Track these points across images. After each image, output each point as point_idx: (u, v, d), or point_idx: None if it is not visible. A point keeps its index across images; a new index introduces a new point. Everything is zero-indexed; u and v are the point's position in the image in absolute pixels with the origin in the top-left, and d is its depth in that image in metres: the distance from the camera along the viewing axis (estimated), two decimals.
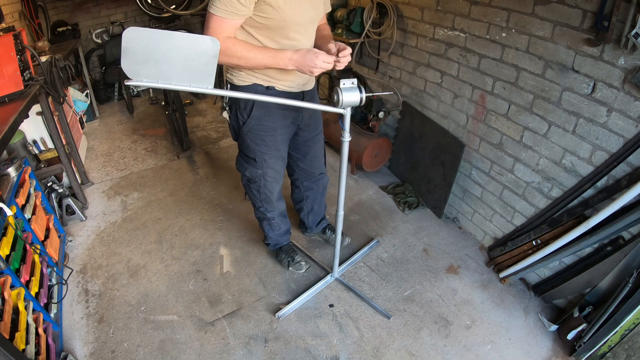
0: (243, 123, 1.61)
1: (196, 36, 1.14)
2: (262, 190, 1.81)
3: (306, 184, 2.01)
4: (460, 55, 2.09)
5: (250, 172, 1.74)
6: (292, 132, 1.75)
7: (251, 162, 1.72)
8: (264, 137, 1.64)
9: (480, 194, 2.23)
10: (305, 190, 2.04)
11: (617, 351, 1.55)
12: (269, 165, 1.72)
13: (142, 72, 1.16)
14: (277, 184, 1.84)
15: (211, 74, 1.20)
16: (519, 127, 1.89)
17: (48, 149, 2.41)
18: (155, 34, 1.11)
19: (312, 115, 1.77)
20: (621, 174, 1.52)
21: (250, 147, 1.67)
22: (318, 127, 1.85)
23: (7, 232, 1.52)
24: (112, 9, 4.28)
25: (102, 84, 4.21)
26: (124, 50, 1.11)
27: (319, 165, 1.97)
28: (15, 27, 1.81)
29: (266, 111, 1.58)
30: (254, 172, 1.73)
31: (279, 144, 1.70)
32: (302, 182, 2.01)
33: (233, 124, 1.67)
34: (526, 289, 2.02)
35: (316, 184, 2.02)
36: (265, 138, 1.64)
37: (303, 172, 1.96)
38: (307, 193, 2.05)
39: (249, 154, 1.71)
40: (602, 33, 1.42)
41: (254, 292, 1.99)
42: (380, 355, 1.71)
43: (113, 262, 2.17)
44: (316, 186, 2.03)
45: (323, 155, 1.97)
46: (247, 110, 1.58)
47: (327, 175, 2.06)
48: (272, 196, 1.85)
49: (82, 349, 1.72)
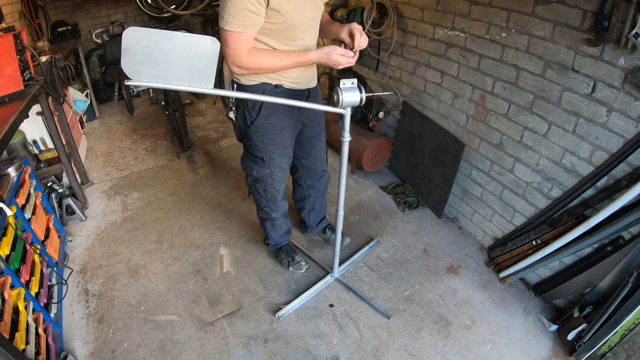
0: (251, 122, 1.60)
1: (196, 36, 1.14)
2: (269, 189, 1.81)
3: (309, 182, 2.01)
4: (460, 55, 2.09)
5: (257, 171, 1.74)
6: (298, 129, 1.75)
7: (258, 162, 1.71)
8: (272, 135, 1.64)
9: (480, 194, 2.23)
10: (307, 188, 2.04)
11: (617, 351, 1.55)
12: (276, 164, 1.72)
13: (142, 72, 1.16)
14: (283, 183, 1.84)
15: (211, 74, 1.20)
16: (519, 127, 1.89)
17: (48, 149, 2.41)
18: (155, 34, 1.11)
19: (316, 111, 1.78)
20: (621, 174, 1.52)
21: (258, 146, 1.66)
22: (321, 124, 1.86)
23: (7, 232, 1.52)
24: (112, 9, 4.27)
25: (102, 84, 4.21)
26: (124, 50, 1.11)
27: (321, 162, 1.97)
28: (15, 27, 1.81)
29: (274, 110, 1.58)
30: (261, 171, 1.73)
31: (286, 143, 1.70)
32: (305, 180, 2.01)
33: (240, 124, 1.66)
34: (526, 289, 2.02)
35: (318, 182, 2.03)
36: (273, 137, 1.64)
37: (306, 170, 1.96)
38: (309, 191, 2.05)
39: (256, 154, 1.70)
40: (602, 33, 1.42)
41: (254, 292, 1.99)
42: (380, 355, 1.71)
43: (113, 262, 2.17)
44: (318, 184, 2.04)
45: (325, 152, 1.98)
46: (256, 109, 1.57)
47: (328, 172, 2.07)
48: (278, 195, 1.85)
49: (82, 349, 1.72)
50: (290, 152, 1.78)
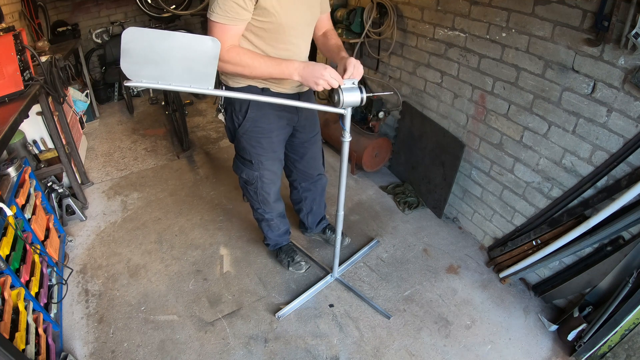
0: (238, 125, 1.60)
1: (196, 36, 1.13)
2: (259, 192, 1.80)
3: (304, 185, 2.01)
4: (460, 55, 2.09)
5: (247, 174, 1.74)
6: (288, 133, 1.74)
7: (247, 164, 1.71)
8: (259, 139, 1.63)
9: (480, 194, 2.23)
10: (303, 191, 2.03)
11: (617, 351, 1.55)
12: (265, 167, 1.72)
13: (142, 73, 1.15)
14: (274, 186, 1.83)
15: (212, 75, 1.19)
16: (519, 127, 1.89)
17: (48, 149, 2.41)
18: (155, 34, 1.10)
19: (308, 116, 1.77)
20: (621, 174, 1.52)
21: (246, 149, 1.66)
22: (315, 129, 1.85)
23: (7, 232, 1.52)
24: (112, 9, 4.28)
25: (102, 84, 4.21)
26: (123, 51, 1.10)
27: (317, 166, 1.96)
28: (15, 27, 1.81)
29: (261, 113, 1.58)
30: (250, 174, 1.73)
31: (275, 146, 1.69)
32: (300, 183, 2.00)
33: (229, 126, 1.67)
34: (526, 289, 2.02)
35: (314, 185, 2.02)
36: (261, 140, 1.64)
37: (301, 174, 1.95)
38: (305, 194, 2.05)
39: (245, 156, 1.70)
40: (602, 33, 1.42)
41: (254, 292, 1.99)
42: (380, 355, 1.71)
43: (113, 262, 2.17)
44: (314, 187, 2.03)
45: (321, 156, 1.97)
46: (242, 112, 1.57)
47: (325, 176, 2.06)
48: (270, 197, 1.84)
49: (82, 349, 1.72)
50: (280, 155, 1.77)
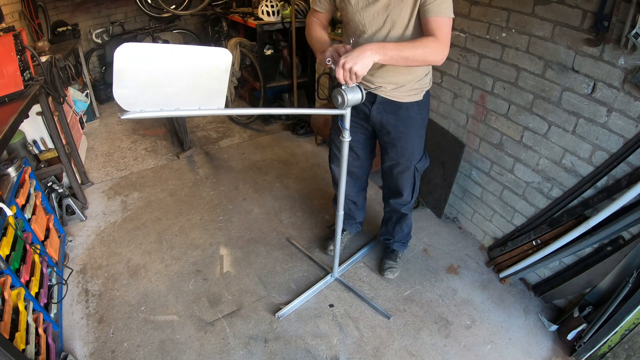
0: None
1: (205, 48, 1.00)
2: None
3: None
4: (460, 55, 2.09)
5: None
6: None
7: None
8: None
9: (480, 194, 2.23)
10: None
11: (617, 351, 1.55)
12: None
13: (141, 100, 0.99)
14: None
15: (222, 91, 1.06)
16: (519, 127, 1.89)
17: (48, 149, 2.41)
18: (156, 49, 0.94)
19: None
20: (621, 174, 1.52)
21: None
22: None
23: (7, 232, 1.52)
24: (112, 9, 4.27)
25: (102, 84, 4.21)
26: (117, 75, 0.92)
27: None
28: (15, 27, 1.80)
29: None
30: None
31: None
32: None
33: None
34: (526, 289, 2.02)
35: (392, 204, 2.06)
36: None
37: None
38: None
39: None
40: (602, 33, 1.42)
41: (254, 292, 1.99)
42: (380, 355, 1.71)
43: (113, 262, 2.17)
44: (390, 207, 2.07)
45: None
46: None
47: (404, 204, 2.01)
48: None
49: (82, 349, 1.72)
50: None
